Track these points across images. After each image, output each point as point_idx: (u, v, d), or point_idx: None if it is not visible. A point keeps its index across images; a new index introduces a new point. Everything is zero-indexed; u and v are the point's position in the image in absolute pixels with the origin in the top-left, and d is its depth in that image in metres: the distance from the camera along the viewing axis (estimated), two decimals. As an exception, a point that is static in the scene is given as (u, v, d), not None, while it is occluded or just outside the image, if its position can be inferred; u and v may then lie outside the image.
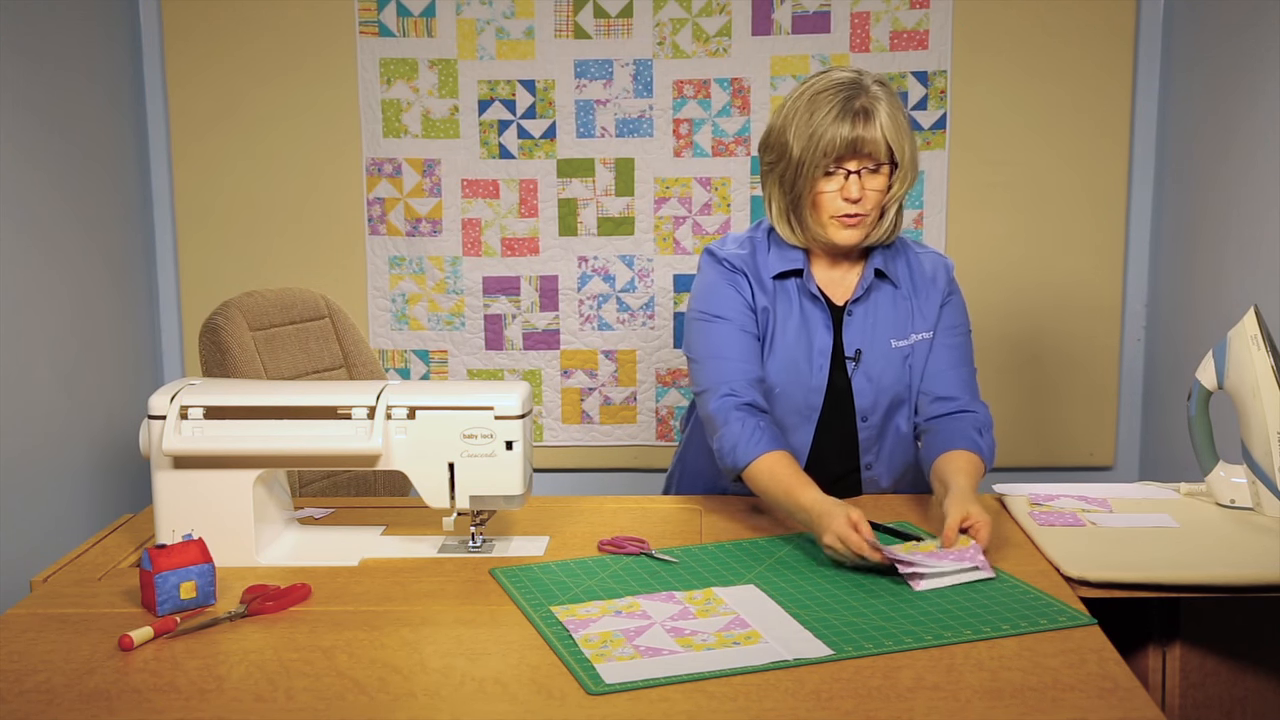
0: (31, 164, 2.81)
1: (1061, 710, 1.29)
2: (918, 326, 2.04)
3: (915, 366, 2.03)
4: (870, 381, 2.01)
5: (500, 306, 3.46)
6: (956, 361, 2.04)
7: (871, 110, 1.89)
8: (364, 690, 1.36)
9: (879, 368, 2.01)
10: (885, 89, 1.93)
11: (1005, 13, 3.31)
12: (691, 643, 1.46)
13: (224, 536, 1.73)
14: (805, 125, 1.91)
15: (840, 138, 1.88)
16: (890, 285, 2.04)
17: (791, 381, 2.01)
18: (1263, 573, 1.64)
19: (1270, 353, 1.90)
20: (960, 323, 2.07)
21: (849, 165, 1.91)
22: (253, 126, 3.40)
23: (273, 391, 1.80)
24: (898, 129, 1.91)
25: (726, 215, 3.41)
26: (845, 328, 2.02)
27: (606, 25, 3.34)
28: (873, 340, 2.02)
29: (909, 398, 2.04)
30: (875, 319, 2.03)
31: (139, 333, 3.37)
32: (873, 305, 2.03)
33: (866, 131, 1.89)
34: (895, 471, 2.09)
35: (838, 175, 1.92)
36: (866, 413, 2.03)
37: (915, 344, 2.03)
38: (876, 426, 2.04)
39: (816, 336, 2.01)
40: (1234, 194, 2.92)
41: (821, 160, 1.90)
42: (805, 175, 1.93)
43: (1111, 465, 3.51)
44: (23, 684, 1.38)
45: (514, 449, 1.75)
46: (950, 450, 1.92)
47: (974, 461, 1.90)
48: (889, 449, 2.06)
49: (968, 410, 2.00)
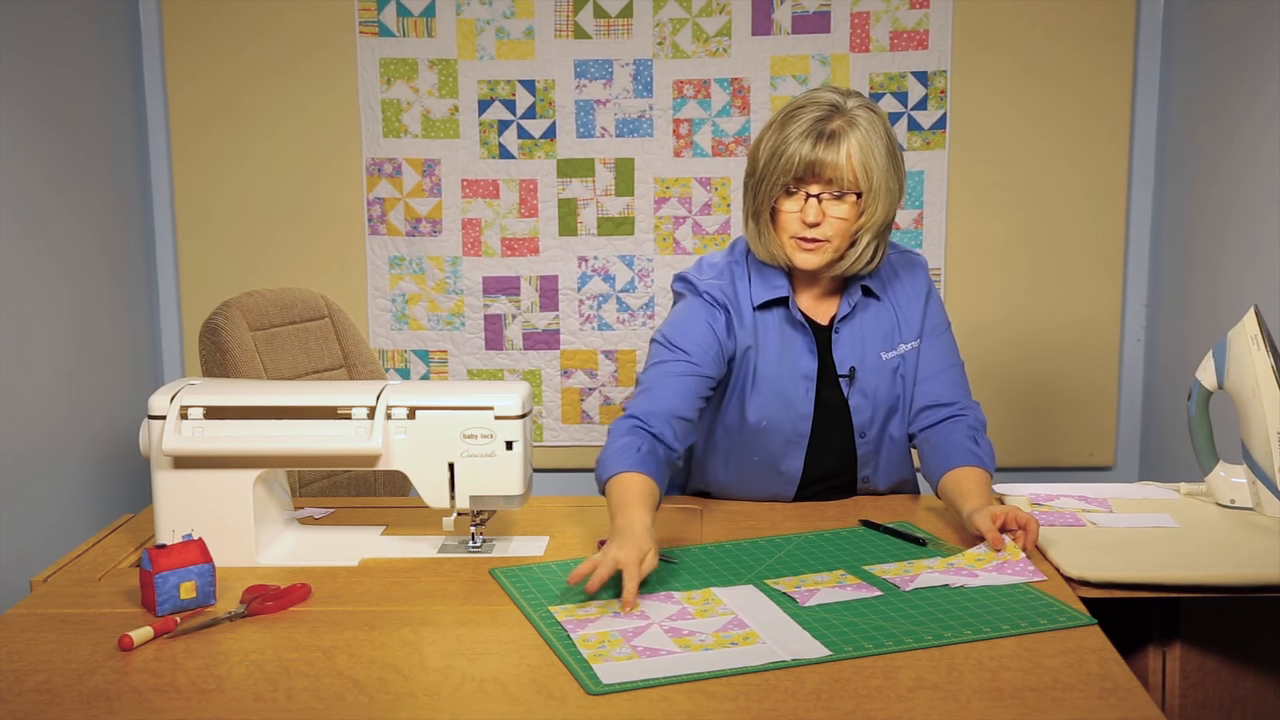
0: (31, 164, 2.81)
1: (1061, 710, 1.29)
2: (905, 336, 2.02)
3: (906, 375, 2.01)
4: (866, 398, 1.99)
5: (500, 306, 3.46)
6: (944, 364, 2.03)
7: (840, 135, 1.84)
8: (364, 690, 1.36)
9: (873, 383, 1.99)
10: (870, 114, 1.87)
11: (1005, 13, 3.31)
12: (689, 643, 1.46)
13: (224, 536, 1.73)
14: (775, 138, 1.88)
15: (800, 156, 1.84)
16: (873, 298, 2.01)
17: (777, 413, 1.97)
18: (1263, 573, 1.64)
19: (1270, 353, 1.90)
20: (940, 320, 2.06)
21: (810, 188, 1.86)
22: (253, 126, 3.40)
23: (273, 391, 1.80)
24: (867, 157, 1.84)
25: (726, 215, 3.41)
26: (835, 346, 1.99)
27: (606, 25, 3.34)
28: (863, 356, 1.99)
29: (901, 407, 2.02)
30: (863, 334, 2.00)
31: (139, 333, 3.37)
32: (858, 322, 2.00)
33: (828, 155, 1.83)
34: (892, 478, 2.08)
35: (798, 195, 1.88)
36: (865, 429, 2.01)
37: (904, 353, 2.01)
38: (874, 441, 2.03)
39: (801, 361, 1.97)
40: (1234, 194, 2.92)
41: (781, 177, 1.86)
42: (765, 189, 1.89)
43: (1111, 465, 3.51)
44: (23, 684, 1.38)
45: (514, 449, 1.75)
46: (952, 469, 1.91)
47: (980, 478, 1.89)
48: (885, 459, 2.05)
49: (960, 414, 1.99)
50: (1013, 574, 1.66)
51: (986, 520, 1.74)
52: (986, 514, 1.75)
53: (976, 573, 1.67)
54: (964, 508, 1.82)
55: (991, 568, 1.68)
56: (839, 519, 1.95)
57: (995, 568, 1.68)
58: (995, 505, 1.77)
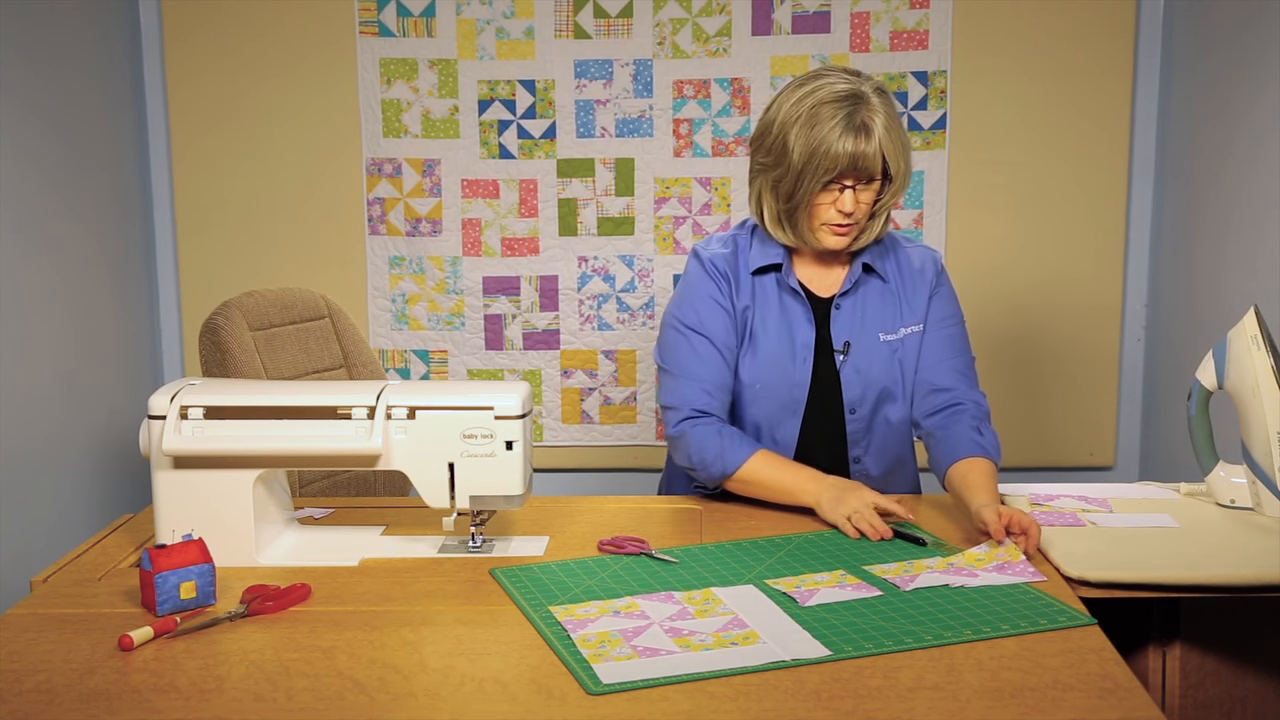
0: (31, 164, 2.81)
1: (1061, 710, 1.29)
2: (906, 320, 2.05)
3: (906, 360, 2.04)
4: (858, 374, 2.03)
5: (500, 306, 3.46)
6: (950, 352, 2.05)
7: (871, 126, 1.91)
8: (364, 690, 1.36)
9: (867, 360, 2.03)
10: (883, 98, 1.94)
11: (1005, 13, 3.31)
12: (689, 643, 1.46)
13: (224, 536, 1.73)
14: (808, 136, 1.91)
15: (844, 153, 1.90)
16: (878, 280, 2.06)
17: (775, 377, 2.03)
18: (1263, 573, 1.64)
19: (1270, 353, 1.90)
20: (951, 313, 2.09)
21: (847, 180, 1.94)
22: (253, 126, 3.40)
23: (273, 391, 1.80)
24: (893, 142, 1.92)
25: (726, 215, 3.41)
26: (833, 321, 2.04)
27: (606, 25, 3.34)
28: (861, 333, 2.04)
29: (898, 391, 2.05)
30: (863, 312, 2.05)
31: (139, 333, 3.37)
32: (860, 299, 2.05)
33: (868, 147, 1.91)
34: (885, 463, 2.10)
35: (833, 189, 1.95)
36: (855, 404, 2.04)
37: (904, 337, 2.05)
38: (865, 419, 2.05)
39: (799, 331, 2.03)
40: (1234, 194, 2.92)
41: (824, 175, 1.93)
42: (805, 186, 1.95)
43: (1111, 465, 3.51)
44: (23, 684, 1.38)
45: (514, 449, 1.75)
46: (957, 461, 1.93)
47: (985, 469, 1.91)
48: (878, 441, 2.07)
49: (963, 402, 2.01)
50: (1013, 574, 1.66)
51: (993, 515, 1.75)
52: (994, 510, 1.76)
53: (976, 573, 1.67)
54: (972, 501, 1.83)
55: (992, 568, 1.68)
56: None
57: (995, 568, 1.68)
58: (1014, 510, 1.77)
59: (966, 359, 2.07)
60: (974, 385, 2.06)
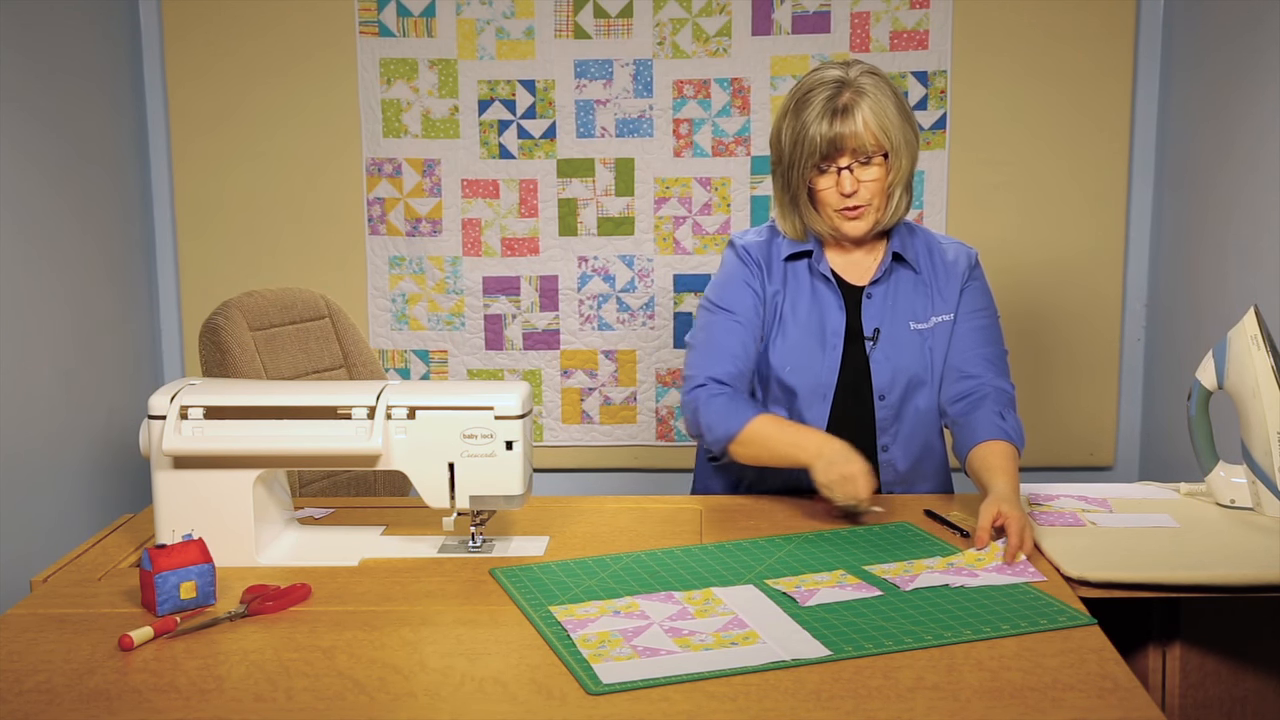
0: (31, 164, 2.81)
1: (1061, 710, 1.29)
2: (938, 309, 2.08)
3: (936, 349, 2.06)
4: (888, 360, 2.05)
5: (500, 306, 3.46)
6: (980, 341, 2.08)
7: (853, 106, 1.94)
8: (364, 690, 1.36)
9: (896, 348, 2.05)
10: (875, 79, 1.97)
11: (1005, 13, 3.31)
12: (689, 643, 1.46)
13: (224, 536, 1.73)
14: (794, 124, 1.99)
15: (821, 136, 1.95)
16: (910, 270, 2.09)
17: (805, 363, 2.05)
18: (1263, 573, 1.64)
19: (1270, 353, 1.90)
20: (984, 306, 2.11)
21: (839, 162, 1.97)
22: (253, 126, 3.40)
23: (273, 391, 1.80)
24: (883, 118, 1.95)
25: (726, 215, 3.41)
26: (864, 309, 2.07)
27: (606, 25, 3.34)
28: (891, 321, 2.06)
29: (928, 380, 2.07)
30: (895, 301, 2.07)
31: (139, 333, 3.37)
32: (892, 287, 2.08)
33: (846, 128, 1.94)
34: (913, 454, 2.10)
35: (830, 172, 1.98)
36: (884, 391, 2.06)
37: (935, 326, 2.07)
38: (894, 406, 2.07)
39: (830, 317, 2.06)
40: (1234, 194, 2.92)
41: (809, 160, 1.97)
42: (797, 174, 2.01)
43: (1111, 465, 3.51)
44: (23, 684, 1.38)
45: (514, 449, 1.75)
46: (978, 444, 1.95)
47: (1006, 453, 1.92)
48: (907, 430, 2.08)
49: (988, 388, 2.02)
50: (1013, 574, 1.66)
51: (989, 513, 1.75)
52: (992, 507, 1.76)
53: (976, 573, 1.67)
54: (988, 486, 1.85)
55: (992, 568, 1.68)
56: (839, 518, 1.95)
57: (995, 568, 1.68)
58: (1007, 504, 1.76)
59: (997, 350, 2.09)
60: (1002, 375, 2.07)
